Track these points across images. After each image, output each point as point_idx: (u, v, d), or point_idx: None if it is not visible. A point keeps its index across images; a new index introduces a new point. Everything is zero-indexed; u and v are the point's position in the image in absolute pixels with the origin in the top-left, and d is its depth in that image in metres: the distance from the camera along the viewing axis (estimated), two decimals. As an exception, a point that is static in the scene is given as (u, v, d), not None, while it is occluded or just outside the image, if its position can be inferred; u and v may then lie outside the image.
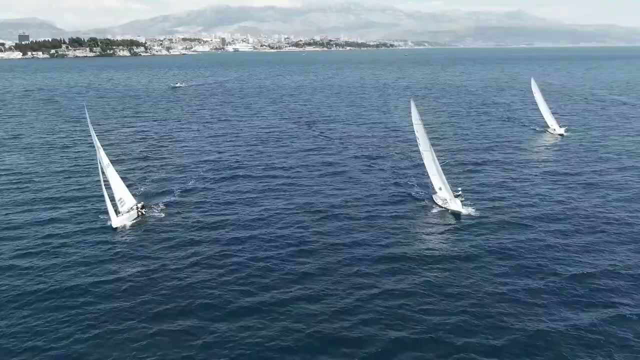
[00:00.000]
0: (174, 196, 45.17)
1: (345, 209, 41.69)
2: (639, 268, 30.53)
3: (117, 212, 38.24)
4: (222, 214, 40.87)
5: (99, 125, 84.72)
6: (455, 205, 39.86)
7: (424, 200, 43.29)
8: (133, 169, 55.25)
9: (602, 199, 43.63)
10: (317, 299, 27.48)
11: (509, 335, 23.93)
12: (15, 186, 49.38)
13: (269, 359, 22.62)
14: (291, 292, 28.21)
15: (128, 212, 39.07)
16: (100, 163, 38.46)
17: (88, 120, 41.14)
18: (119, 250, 34.02)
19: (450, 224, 38.15)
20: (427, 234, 36.77)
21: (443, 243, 35.08)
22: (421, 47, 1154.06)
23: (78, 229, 37.75)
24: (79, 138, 74.14)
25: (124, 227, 37.55)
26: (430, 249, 33.86)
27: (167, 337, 23.98)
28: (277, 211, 41.40)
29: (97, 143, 38.53)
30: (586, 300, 26.95)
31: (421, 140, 43.82)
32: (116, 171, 41.57)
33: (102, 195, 37.66)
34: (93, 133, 39.22)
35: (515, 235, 35.72)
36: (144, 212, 40.03)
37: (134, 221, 38.76)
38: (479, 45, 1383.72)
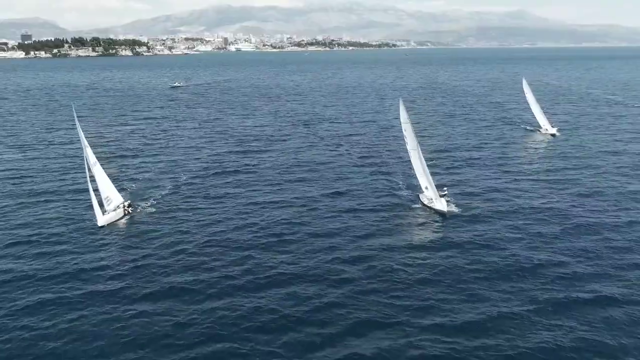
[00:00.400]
0: (164, 191, 46.65)
1: (329, 203, 43.16)
2: (600, 259, 32.06)
3: (103, 210, 38.70)
4: (210, 208, 42.37)
5: (96, 123, 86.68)
6: (440, 204, 40.12)
7: (409, 198, 44.22)
8: (125, 167, 56.77)
9: (581, 197, 44.30)
10: (292, 283, 29.09)
11: (467, 318, 25.48)
12: (11, 181, 51.26)
13: (242, 339, 24.10)
14: (269, 277, 29.83)
15: (114, 210, 39.52)
16: (87, 162, 38.90)
17: (75, 118, 42.02)
18: (106, 241, 35.58)
19: (430, 220, 39.11)
20: (406, 228, 37.93)
21: (420, 237, 36.36)
22: (423, 47, 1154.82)
23: (70, 221, 39.36)
24: (76, 136, 75.60)
25: (110, 225, 38.07)
26: (408, 242, 35.13)
27: (146, 317, 25.63)
28: (263, 205, 42.96)
29: (84, 141, 39.01)
30: (544, 287, 28.43)
31: (409, 140, 44.23)
32: (107, 169, 42.49)
33: (92, 194, 38.30)
34: (80, 131, 39.71)
35: (490, 230, 36.72)
36: (130, 211, 40.50)
37: (121, 219, 39.35)
38: (481, 45, 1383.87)
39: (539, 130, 75.71)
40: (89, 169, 39.07)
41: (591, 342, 23.48)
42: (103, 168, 41.58)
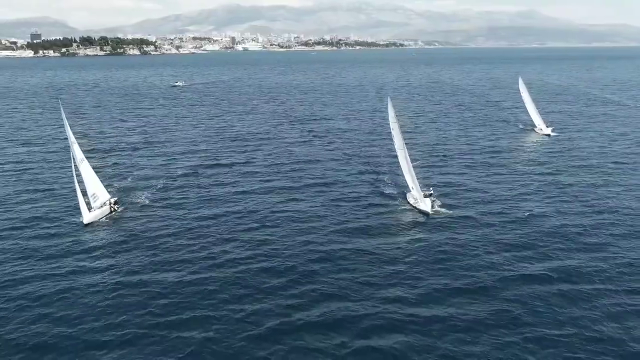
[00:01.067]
0: (157, 185, 48.67)
1: (314, 196, 45.28)
2: (555, 243, 34.72)
3: (89, 207, 39.12)
4: (200, 199, 44.67)
5: (94, 121, 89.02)
6: (424, 205, 40.49)
7: (394, 196, 44.94)
8: (119, 163, 58.12)
9: (568, 196, 44.76)
10: (268, 261, 31.55)
11: (425, 291, 27.92)
12: (12, 174, 53.76)
13: (215, 308, 26.40)
14: (247, 257, 32.36)
15: (100, 207, 40.12)
16: (73, 159, 39.55)
17: (63, 115, 42.39)
18: (95, 228, 38.02)
19: (412, 216, 39.98)
20: (385, 221, 39.23)
21: (397, 229, 37.99)
22: (431, 46, 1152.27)
23: (64, 211, 41.83)
24: (77, 132, 77.76)
25: (96, 222, 38.73)
26: (384, 232, 36.93)
27: (128, 290, 28.22)
28: (250, 195, 45.33)
29: (72, 138, 39.76)
30: (502, 269, 30.92)
31: (396, 139, 44.37)
32: (102, 165, 43.72)
33: (82, 189, 39.09)
34: (68, 128, 40.33)
35: (467, 225, 37.88)
36: (116, 208, 41.28)
37: (107, 216, 40.17)
38: (490, 45, 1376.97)
39: (533, 130, 75.45)
40: (76, 166, 39.61)
41: (532, 313, 26.08)
42: (98, 164, 42.75)
